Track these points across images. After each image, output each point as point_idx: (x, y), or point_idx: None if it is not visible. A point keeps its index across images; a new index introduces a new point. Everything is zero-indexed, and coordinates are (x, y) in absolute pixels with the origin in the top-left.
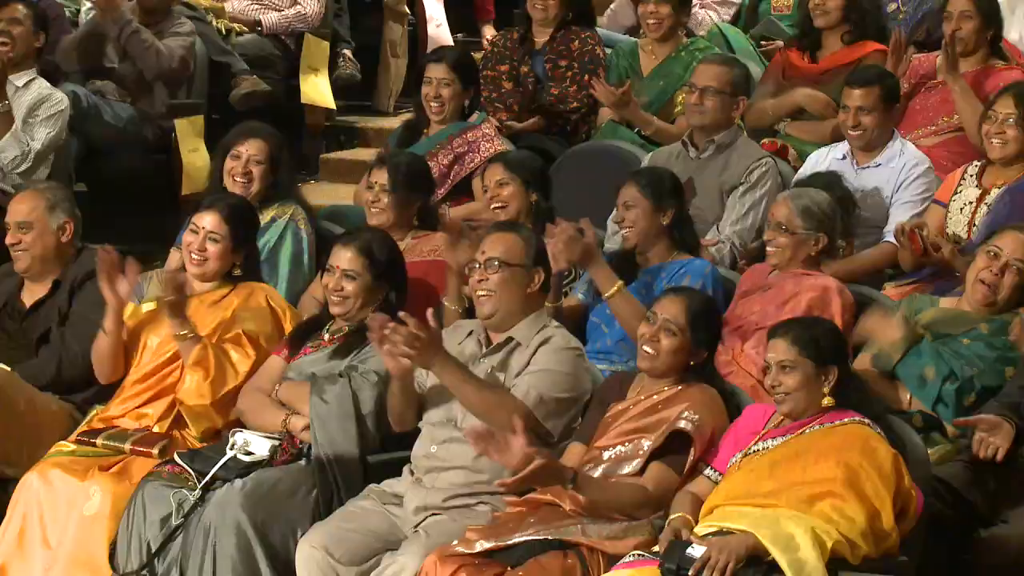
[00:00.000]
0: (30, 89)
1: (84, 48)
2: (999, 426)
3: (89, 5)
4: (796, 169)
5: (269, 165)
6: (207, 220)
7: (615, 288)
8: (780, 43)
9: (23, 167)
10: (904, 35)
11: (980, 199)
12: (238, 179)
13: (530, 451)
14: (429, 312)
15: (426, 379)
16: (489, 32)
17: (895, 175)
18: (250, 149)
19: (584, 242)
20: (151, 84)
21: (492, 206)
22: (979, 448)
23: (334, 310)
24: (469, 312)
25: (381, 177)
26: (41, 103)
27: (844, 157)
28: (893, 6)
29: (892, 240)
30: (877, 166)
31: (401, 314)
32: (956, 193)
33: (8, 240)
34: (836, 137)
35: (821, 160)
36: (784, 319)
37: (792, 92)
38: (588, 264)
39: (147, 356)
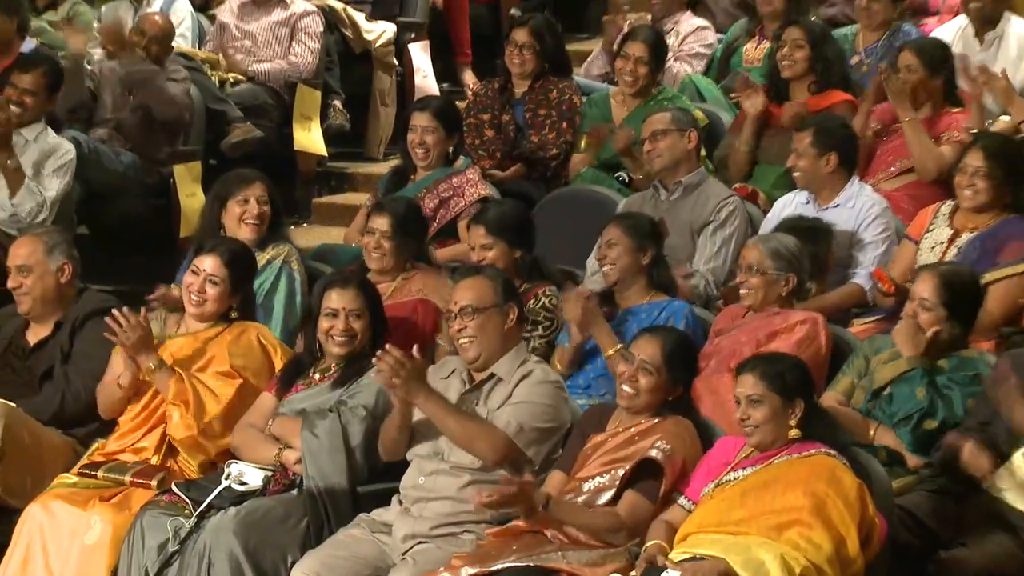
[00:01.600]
0: (39, 142)
1: (72, 87)
2: (981, 450)
3: (97, 57)
4: (765, 212)
5: (272, 207)
6: (208, 263)
7: (615, 349)
8: (747, 92)
9: (41, 217)
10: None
11: (951, 240)
12: (250, 222)
13: (483, 502)
14: (415, 347)
15: (418, 412)
16: (469, 76)
17: (855, 215)
18: (256, 192)
19: (591, 307)
20: (152, 131)
21: (480, 261)
22: (972, 470)
23: (337, 351)
24: None
25: (381, 224)
26: (51, 154)
27: (808, 201)
28: (856, 59)
29: (858, 281)
30: (836, 207)
31: (387, 345)
32: (928, 231)
33: (10, 284)
34: None
35: (787, 204)
36: (756, 354)
37: None
38: (592, 326)
39: (139, 393)
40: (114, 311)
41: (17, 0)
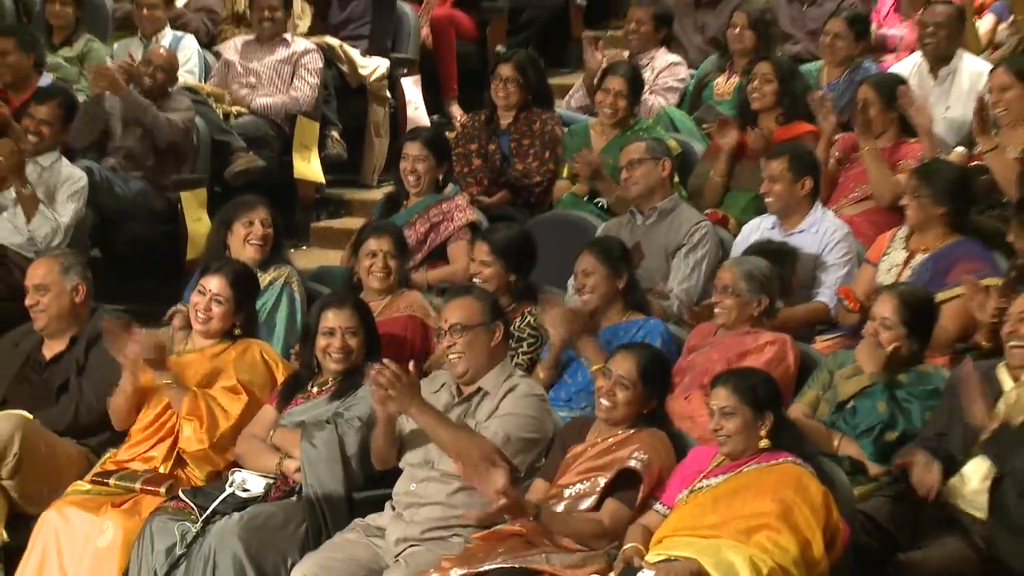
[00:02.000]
0: (54, 170)
1: (91, 126)
2: (931, 465)
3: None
4: (735, 236)
5: (274, 229)
6: (213, 284)
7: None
8: (717, 123)
9: (56, 241)
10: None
11: (906, 262)
12: (255, 243)
13: (503, 488)
14: (411, 363)
15: (405, 424)
16: (455, 109)
17: (818, 239)
18: (260, 215)
19: (585, 320)
20: (158, 157)
21: (474, 278)
22: (920, 488)
23: (335, 367)
24: None
25: (385, 244)
26: (65, 182)
27: (774, 226)
28: (820, 93)
29: (823, 299)
30: (801, 232)
31: (385, 360)
32: (886, 254)
33: (27, 302)
34: None
35: (755, 229)
36: (728, 369)
37: None
38: (584, 342)
39: (150, 405)
40: (134, 332)
41: (34, 37)
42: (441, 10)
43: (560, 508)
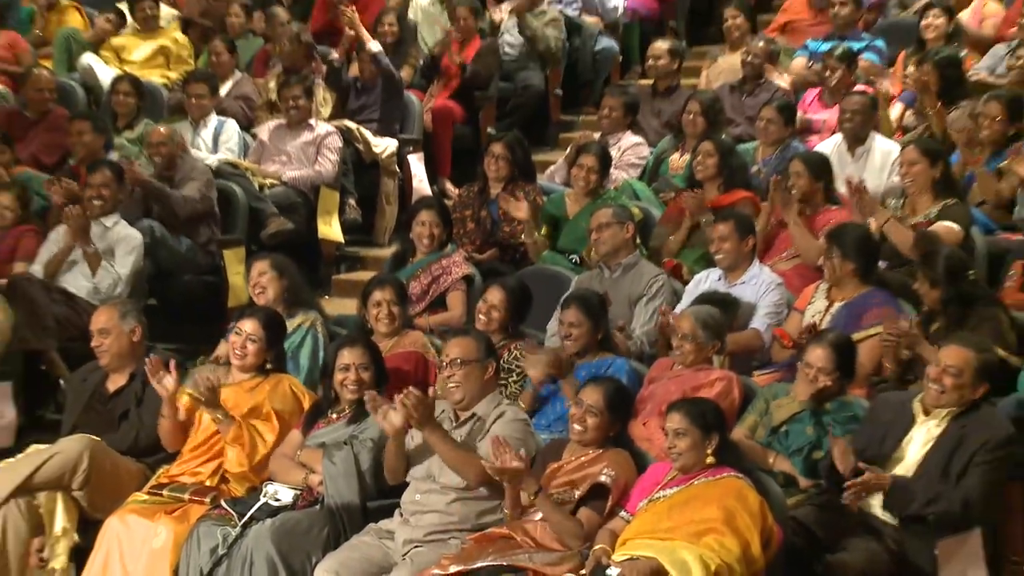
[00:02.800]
0: (115, 230)
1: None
2: (849, 451)
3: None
4: (686, 283)
5: (278, 274)
6: (248, 325)
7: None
8: (672, 193)
9: (118, 291)
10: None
11: (827, 309)
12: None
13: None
14: (431, 389)
15: (411, 443)
16: (448, 185)
17: (756, 290)
18: (386, 295)
19: (560, 364)
20: (187, 222)
21: (480, 315)
22: (840, 465)
23: (350, 396)
24: None
25: (388, 295)
26: (123, 240)
27: (720, 279)
28: (756, 168)
29: (756, 326)
30: (743, 283)
31: (410, 388)
32: (811, 303)
33: (92, 343)
34: None
35: (703, 280)
36: (682, 397)
37: None
38: (566, 381)
39: (200, 430)
40: (199, 375)
41: (104, 121)
42: (441, 100)
43: (538, 517)
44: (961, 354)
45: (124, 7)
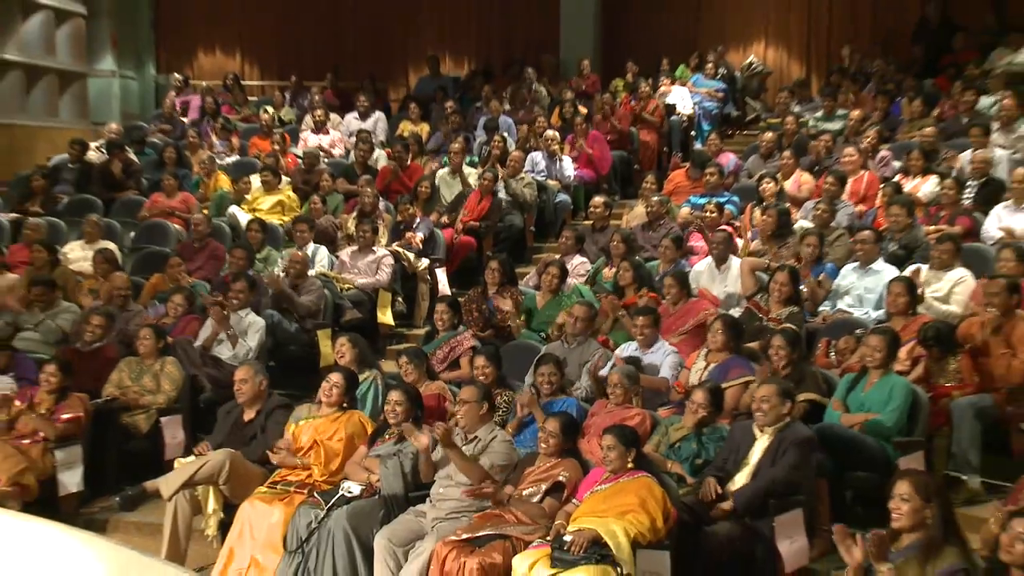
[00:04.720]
0: (247, 318)
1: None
2: (710, 482)
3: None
4: (614, 350)
5: (352, 346)
6: (333, 378)
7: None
8: (604, 294)
9: (251, 357)
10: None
11: (706, 367)
12: (340, 357)
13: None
14: (452, 422)
15: (437, 455)
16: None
17: (660, 356)
18: (341, 341)
19: (536, 404)
20: (303, 314)
21: (477, 377)
22: (704, 496)
23: (392, 421)
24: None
25: (404, 360)
26: (253, 324)
27: (636, 349)
28: (658, 278)
29: (664, 375)
30: (652, 352)
31: (438, 422)
32: (695, 364)
33: (235, 389)
34: None
35: (626, 348)
36: (613, 424)
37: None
38: (537, 412)
39: (299, 455)
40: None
41: (251, 249)
42: (463, 238)
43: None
44: (765, 388)
45: (256, 177)
